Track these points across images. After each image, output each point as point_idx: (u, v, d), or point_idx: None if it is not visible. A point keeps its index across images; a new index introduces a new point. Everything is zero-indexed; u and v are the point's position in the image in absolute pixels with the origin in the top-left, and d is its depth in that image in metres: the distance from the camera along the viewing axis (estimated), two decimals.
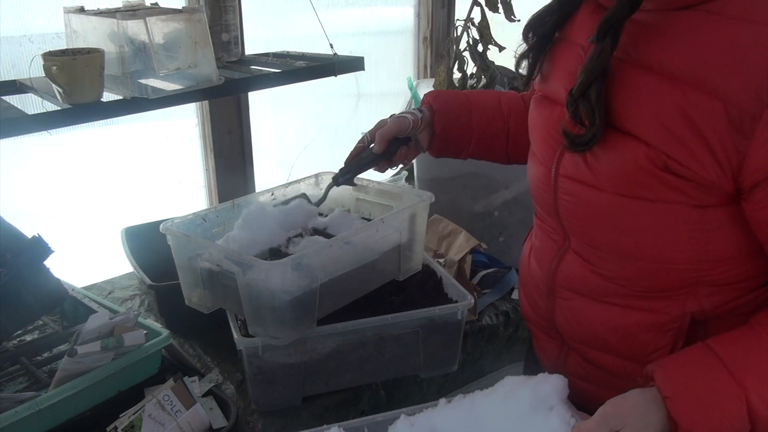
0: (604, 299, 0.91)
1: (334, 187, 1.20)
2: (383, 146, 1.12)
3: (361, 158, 1.16)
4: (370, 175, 1.24)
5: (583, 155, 0.84)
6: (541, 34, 0.93)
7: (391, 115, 1.14)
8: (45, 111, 1.11)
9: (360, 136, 1.18)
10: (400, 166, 1.22)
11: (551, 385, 0.87)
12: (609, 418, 0.79)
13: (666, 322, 0.87)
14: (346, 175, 1.18)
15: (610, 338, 0.92)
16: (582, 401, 0.92)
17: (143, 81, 1.18)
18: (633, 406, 0.79)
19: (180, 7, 1.36)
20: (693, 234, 0.80)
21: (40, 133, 1.11)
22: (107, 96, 1.17)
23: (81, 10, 1.27)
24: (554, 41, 0.93)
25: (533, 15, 0.95)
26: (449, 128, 1.15)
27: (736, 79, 0.71)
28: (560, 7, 0.92)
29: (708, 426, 0.75)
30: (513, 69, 1.03)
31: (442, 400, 0.94)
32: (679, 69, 0.74)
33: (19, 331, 1.28)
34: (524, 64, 0.98)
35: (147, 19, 1.14)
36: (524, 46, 0.97)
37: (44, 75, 1.11)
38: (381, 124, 1.15)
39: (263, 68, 1.43)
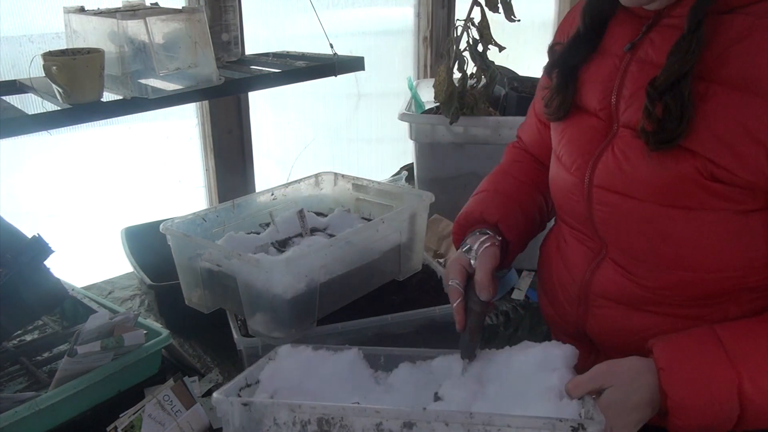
0: (645, 308, 0.89)
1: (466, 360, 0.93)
2: (491, 289, 0.92)
3: (473, 316, 0.92)
4: (370, 175, 1.24)
5: (619, 164, 0.83)
6: (570, 68, 0.92)
7: (467, 249, 0.97)
8: (45, 111, 1.11)
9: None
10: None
11: (561, 351, 0.87)
12: (600, 375, 0.80)
13: None
14: (477, 344, 0.93)
15: (641, 344, 0.89)
16: None
17: (143, 81, 1.19)
18: (627, 368, 0.80)
19: (180, 7, 1.36)
20: (735, 240, 0.80)
21: (40, 133, 1.11)
22: (107, 96, 1.17)
23: (81, 10, 1.27)
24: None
25: (557, 52, 0.94)
26: (519, 239, 1.05)
27: None
28: (588, 40, 0.91)
29: (696, 403, 0.75)
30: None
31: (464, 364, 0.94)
32: (728, 75, 0.74)
33: (19, 331, 1.28)
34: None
35: (147, 19, 1.14)
36: (551, 85, 0.95)
37: (44, 75, 1.11)
38: (459, 265, 0.95)
39: (263, 68, 1.43)
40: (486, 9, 1.61)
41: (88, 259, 1.62)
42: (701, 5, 0.75)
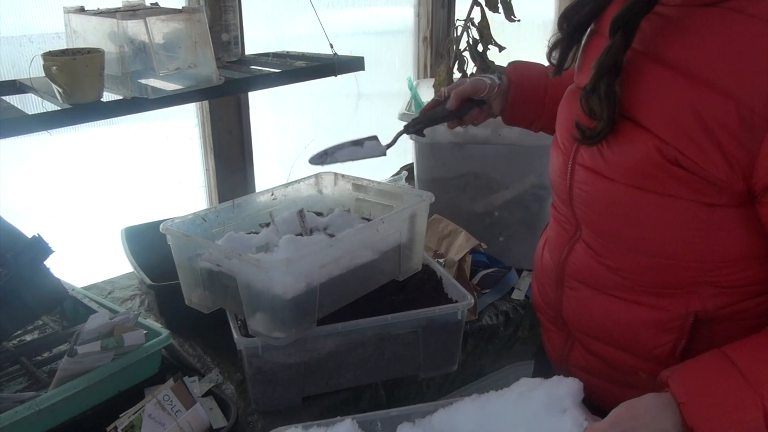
0: (610, 292, 0.91)
1: (405, 135, 1.20)
2: (457, 104, 1.14)
3: (434, 112, 1.18)
4: (370, 175, 1.24)
5: (599, 146, 0.85)
6: (576, 23, 0.93)
7: (471, 74, 1.16)
8: (45, 111, 1.11)
9: (358, 134, 1.20)
10: (403, 172, 1.22)
11: (566, 388, 0.86)
12: (622, 421, 0.78)
13: (668, 320, 0.87)
14: (418, 125, 1.18)
15: (613, 331, 0.93)
16: (585, 393, 0.93)
17: (143, 81, 1.18)
18: (646, 410, 0.78)
19: (180, 7, 1.36)
20: (700, 232, 0.80)
21: (40, 133, 1.11)
22: (107, 96, 1.17)
23: (81, 10, 1.27)
24: (590, 33, 0.94)
25: (569, 4, 0.96)
26: (522, 101, 1.18)
27: (752, 80, 0.71)
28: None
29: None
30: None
31: (457, 399, 0.94)
32: (695, 67, 0.75)
33: (19, 331, 1.28)
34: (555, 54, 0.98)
35: (147, 19, 1.14)
36: (557, 36, 0.97)
37: (44, 75, 1.11)
38: (459, 83, 1.16)
39: (263, 68, 1.43)
40: (486, 9, 1.61)
41: (88, 259, 1.62)
42: (626, 11, 0.77)
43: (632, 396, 0.82)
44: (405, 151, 2.29)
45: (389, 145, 1.21)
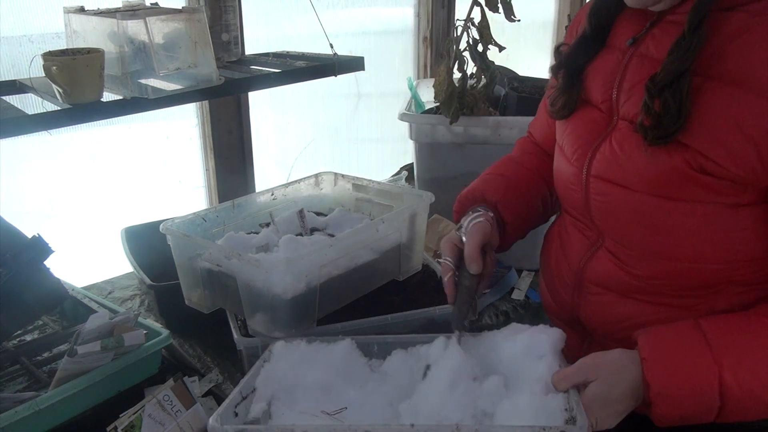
0: (634, 296, 0.91)
1: (458, 333, 0.95)
2: (480, 262, 0.96)
3: (463, 290, 0.96)
4: (370, 175, 1.24)
5: (616, 155, 0.85)
6: (576, 68, 0.94)
7: (459, 227, 1.01)
8: (45, 111, 1.11)
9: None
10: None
11: (547, 336, 0.89)
12: (587, 368, 0.81)
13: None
14: (467, 317, 0.96)
15: (630, 332, 0.91)
16: None
17: (143, 81, 1.19)
18: (611, 361, 0.81)
19: (180, 7, 1.36)
20: (726, 233, 0.81)
21: (40, 133, 1.11)
22: (107, 96, 1.17)
23: (81, 10, 1.27)
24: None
25: (564, 54, 0.96)
26: (516, 231, 1.08)
27: None
28: (593, 40, 0.93)
29: (677, 393, 0.76)
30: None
31: (453, 338, 0.95)
32: (724, 70, 0.75)
33: (19, 331, 1.28)
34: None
35: (147, 19, 1.14)
36: (557, 86, 0.97)
37: (44, 75, 1.11)
38: (451, 243, 0.99)
39: (263, 68, 1.43)
40: (486, 9, 1.61)
41: (88, 259, 1.62)
42: (703, 4, 0.76)
43: None
44: (405, 151, 2.29)
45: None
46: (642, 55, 0.85)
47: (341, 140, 2.21)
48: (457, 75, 1.69)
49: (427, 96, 1.83)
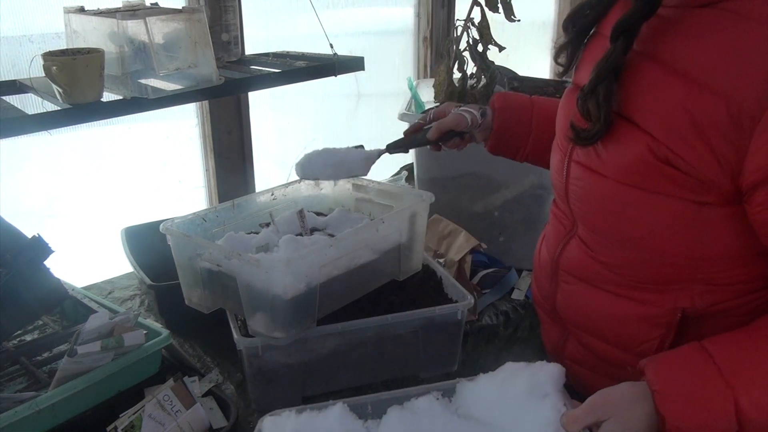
0: (602, 286, 0.93)
1: (386, 153, 1.21)
2: (437, 136, 1.14)
3: (416, 137, 1.19)
4: (370, 175, 1.24)
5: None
6: (581, 26, 0.95)
7: (457, 106, 1.16)
8: (45, 111, 1.11)
9: (355, 142, 1.23)
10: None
11: (547, 373, 0.89)
12: (596, 408, 0.80)
13: (657, 315, 0.88)
14: (399, 148, 1.20)
15: (603, 325, 0.95)
16: (579, 386, 0.96)
17: (143, 81, 1.19)
18: (621, 397, 0.80)
19: (180, 7, 1.36)
20: (689, 229, 0.81)
21: (40, 133, 1.11)
22: (107, 96, 1.17)
23: (81, 10, 1.27)
24: (591, 34, 0.96)
25: (574, 8, 0.98)
26: (507, 129, 1.16)
27: (741, 78, 0.71)
28: (599, 2, 0.94)
29: (694, 422, 0.76)
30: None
31: (446, 383, 0.96)
32: (687, 66, 0.76)
33: (19, 331, 1.28)
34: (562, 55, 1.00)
35: (147, 19, 1.14)
36: (563, 38, 0.99)
37: (44, 75, 1.11)
38: (443, 112, 1.17)
39: (263, 68, 1.43)
40: (486, 9, 1.61)
41: (88, 259, 1.62)
42: (629, 18, 0.78)
43: None
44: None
45: (379, 153, 1.21)
46: (634, 51, 0.86)
47: (341, 140, 2.20)
48: (457, 75, 1.69)
49: (427, 96, 1.83)
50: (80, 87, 1.10)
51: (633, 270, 0.89)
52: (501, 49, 1.67)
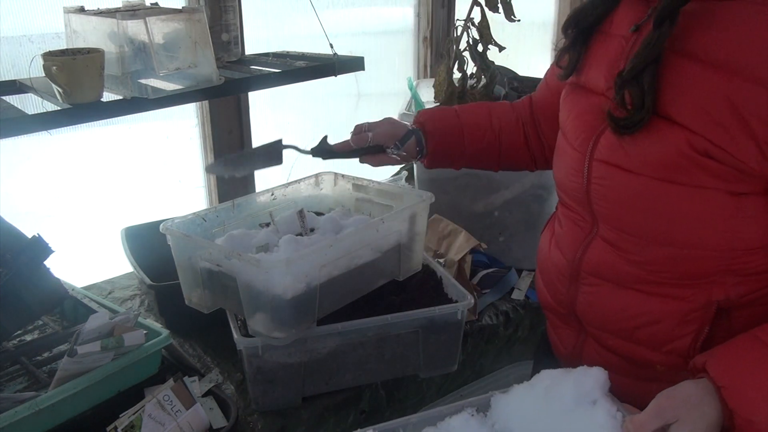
0: (631, 286, 0.92)
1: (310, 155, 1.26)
2: (362, 141, 1.23)
3: (352, 152, 1.25)
4: (371, 174, 1.25)
5: (620, 139, 0.86)
6: (584, 27, 0.96)
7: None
8: (45, 111, 1.11)
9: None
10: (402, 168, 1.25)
11: (593, 378, 0.85)
12: (663, 411, 0.78)
13: (691, 311, 0.88)
14: (329, 155, 1.26)
15: (632, 325, 0.93)
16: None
17: (143, 81, 1.18)
18: (686, 397, 0.78)
19: (180, 7, 1.36)
20: (727, 221, 0.82)
21: (40, 133, 1.11)
22: (107, 96, 1.17)
23: (81, 10, 1.27)
24: (595, 34, 0.96)
25: (574, 10, 0.98)
26: (442, 147, 1.23)
27: None
28: (603, 1, 0.94)
29: (765, 413, 0.75)
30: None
31: (481, 398, 0.91)
32: (725, 57, 0.76)
33: (19, 331, 1.28)
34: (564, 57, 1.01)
35: (147, 19, 1.14)
36: (564, 41, 1.00)
37: (44, 75, 1.11)
38: (380, 126, 1.25)
39: (263, 68, 1.43)
40: (486, 9, 1.61)
41: (88, 259, 1.62)
42: (671, 2, 0.78)
43: (649, 389, 0.82)
44: None
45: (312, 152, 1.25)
46: None
47: (341, 140, 2.20)
48: (457, 75, 1.69)
49: (427, 96, 1.83)
50: (80, 87, 1.10)
51: (667, 266, 0.87)
52: (501, 49, 1.67)
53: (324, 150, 1.24)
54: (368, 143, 1.22)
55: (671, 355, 0.91)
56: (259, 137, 1.84)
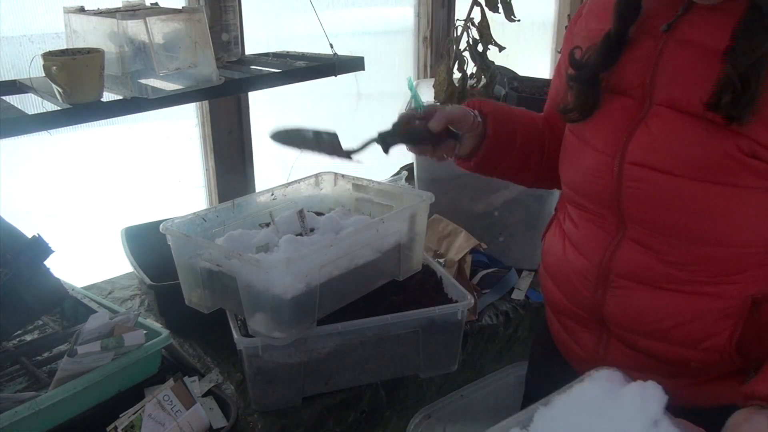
0: (665, 286, 0.91)
1: (374, 143, 1.04)
2: (442, 126, 1.02)
3: (413, 130, 1.03)
4: (370, 175, 1.24)
5: (656, 141, 0.85)
6: (598, 72, 0.93)
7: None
8: (45, 111, 1.11)
9: (358, 134, 1.15)
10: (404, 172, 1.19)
11: (654, 397, 0.80)
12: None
13: (728, 307, 0.88)
14: (394, 141, 1.03)
15: (667, 325, 0.92)
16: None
17: (143, 81, 1.18)
18: (757, 423, 0.77)
19: (180, 7, 1.36)
20: (765, 218, 0.82)
21: (40, 133, 1.11)
22: (107, 96, 1.17)
23: (81, 10, 1.27)
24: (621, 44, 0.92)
25: (587, 59, 0.93)
26: (499, 133, 1.07)
27: None
28: (617, 42, 0.91)
29: None
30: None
31: (524, 413, 0.84)
32: None
33: (19, 331, 1.28)
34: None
35: (147, 19, 1.14)
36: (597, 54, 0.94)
37: (44, 75, 1.11)
38: (444, 105, 1.07)
39: (263, 68, 1.43)
40: (486, 9, 1.61)
41: (88, 259, 1.62)
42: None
43: (676, 384, 0.85)
44: (405, 151, 2.28)
45: (354, 152, 1.06)
46: (681, 40, 0.85)
47: (341, 140, 2.21)
48: (457, 75, 1.69)
49: (427, 96, 1.83)
50: (80, 87, 1.10)
51: (706, 265, 0.87)
52: (501, 49, 1.67)
53: (385, 136, 1.03)
54: (420, 116, 1.04)
55: (708, 352, 0.90)
56: (259, 137, 1.85)
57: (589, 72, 0.93)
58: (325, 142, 1.06)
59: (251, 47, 1.63)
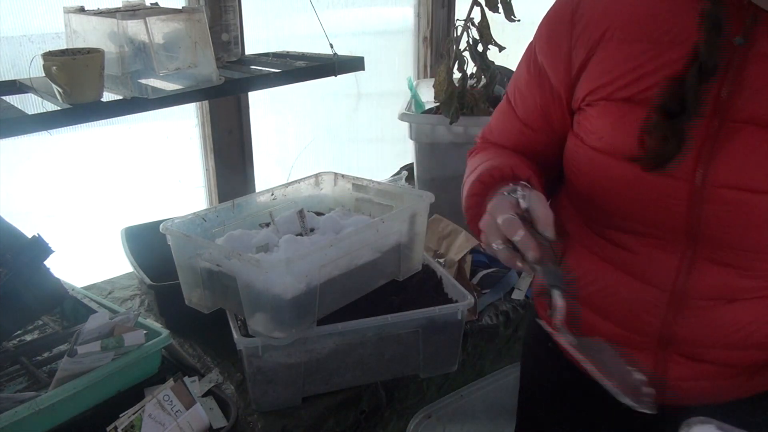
0: (742, 296, 0.89)
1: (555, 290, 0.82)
2: (554, 228, 0.85)
3: (545, 252, 0.82)
4: (370, 175, 1.24)
5: (747, 161, 0.81)
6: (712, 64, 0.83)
7: (509, 190, 0.88)
8: (45, 111, 1.11)
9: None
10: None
11: None
12: None
13: None
14: (558, 276, 0.82)
15: (744, 334, 0.90)
16: (688, 399, 0.93)
17: (143, 81, 1.19)
18: None
19: (180, 7, 1.36)
20: None
21: (40, 133, 1.11)
22: (107, 96, 1.17)
23: (81, 10, 1.27)
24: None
25: (674, 112, 0.83)
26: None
27: None
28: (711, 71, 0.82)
29: None
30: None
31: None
32: None
33: (19, 331, 1.28)
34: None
35: (147, 19, 1.14)
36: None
37: (44, 75, 1.11)
38: (508, 203, 0.86)
39: (263, 68, 1.43)
40: (486, 9, 1.61)
41: (88, 259, 1.62)
42: None
43: (743, 385, 0.88)
44: (405, 151, 2.29)
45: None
46: (761, 53, 0.80)
47: (341, 140, 2.21)
48: (457, 75, 1.69)
49: (427, 96, 1.83)
50: (80, 87, 1.10)
51: None
52: (501, 49, 1.67)
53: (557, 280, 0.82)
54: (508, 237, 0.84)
55: None
56: (259, 137, 1.85)
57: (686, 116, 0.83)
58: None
59: (251, 47, 1.63)
